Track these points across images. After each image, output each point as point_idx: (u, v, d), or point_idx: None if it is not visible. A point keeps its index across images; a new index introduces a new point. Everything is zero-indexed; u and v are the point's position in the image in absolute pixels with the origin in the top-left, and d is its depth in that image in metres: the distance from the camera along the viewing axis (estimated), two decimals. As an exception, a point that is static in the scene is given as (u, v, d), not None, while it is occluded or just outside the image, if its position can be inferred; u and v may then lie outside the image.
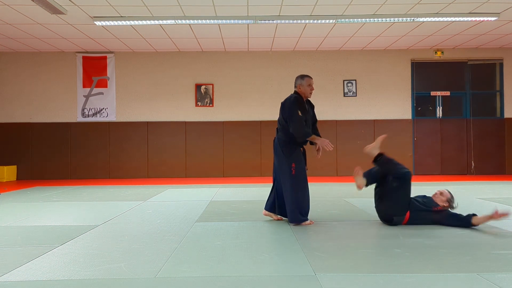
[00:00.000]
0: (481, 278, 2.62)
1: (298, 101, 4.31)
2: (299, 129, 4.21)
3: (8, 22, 8.11)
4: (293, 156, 4.33)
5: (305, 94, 4.43)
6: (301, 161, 4.36)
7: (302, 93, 4.42)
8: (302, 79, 4.44)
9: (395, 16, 7.98)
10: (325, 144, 4.19)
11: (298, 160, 4.34)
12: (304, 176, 4.34)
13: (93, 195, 7.01)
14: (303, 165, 4.37)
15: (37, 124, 10.62)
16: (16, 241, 3.77)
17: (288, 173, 4.29)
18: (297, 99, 4.34)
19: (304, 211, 4.33)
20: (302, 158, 4.40)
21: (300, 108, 4.27)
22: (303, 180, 4.32)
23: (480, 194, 6.76)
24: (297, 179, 4.29)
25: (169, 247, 3.49)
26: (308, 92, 4.43)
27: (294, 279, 2.65)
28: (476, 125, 10.73)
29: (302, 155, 4.43)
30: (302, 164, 4.36)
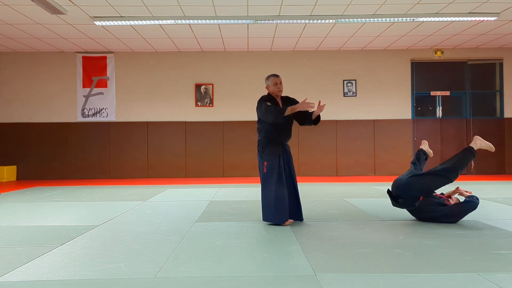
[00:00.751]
0: (481, 278, 2.63)
1: (266, 99, 4.39)
2: (271, 112, 4.16)
3: (8, 22, 8.11)
4: (266, 154, 4.35)
5: (275, 93, 4.46)
6: (275, 160, 4.30)
7: (272, 93, 4.48)
8: (268, 79, 4.50)
9: (395, 16, 7.98)
10: (304, 105, 4.07)
11: (272, 158, 4.31)
12: (277, 176, 4.25)
13: (93, 195, 7.01)
14: (277, 164, 4.28)
15: (37, 124, 10.62)
16: (16, 241, 3.77)
17: (261, 171, 4.38)
18: (263, 97, 4.44)
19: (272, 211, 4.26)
20: (277, 158, 4.31)
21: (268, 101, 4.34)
22: (274, 179, 4.25)
23: (480, 194, 6.75)
24: (267, 177, 4.30)
25: (169, 247, 3.49)
26: (276, 91, 4.44)
27: (294, 279, 2.65)
28: (476, 125, 10.73)
29: (281, 155, 4.36)
30: (275, 163, 4.29)
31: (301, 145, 10.60)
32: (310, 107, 4.08)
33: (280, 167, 4.30)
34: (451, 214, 4.29)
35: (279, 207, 4.24)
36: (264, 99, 4.40)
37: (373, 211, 5.18)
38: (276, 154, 4.34)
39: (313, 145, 10.64)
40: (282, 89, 4.49)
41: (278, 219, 4.28)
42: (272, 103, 4.36)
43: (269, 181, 4.29)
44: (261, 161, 4.40)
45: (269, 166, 4.31)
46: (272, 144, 4.39)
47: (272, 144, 4.39)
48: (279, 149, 4.39)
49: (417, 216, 4.50)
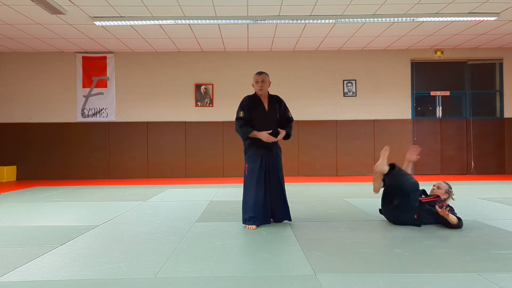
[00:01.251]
0: (481, 278, 2.63)
1: (243, 101, 4.35)
2: (236, 129, 4.31)
3: (7, 22, 8.11)
4: (248, 156, 4.34)
5: (258, 92, 4.40)
6: (256, 163, 4.24)
7: (256, 91, 4.44)
8: (253, 77, 4.46)
9: (395, 16, 7.98)
10: (265, 137, 4.20)
11: (253, 161, 4.27)
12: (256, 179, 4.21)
13: (93, 195, 7.01)
14: (257, 168, 4.23)
15: (37, 124, 10.62)
16: (16, 241, 3.77)
17: (244, 174, 4.37)
18: (243, 100, 4.38)
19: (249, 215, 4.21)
20: (259, 161, 4.25)
21: (243, 108, 4.29)
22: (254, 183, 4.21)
23: (480, 194, 6.76)
24: (247, 180, 4.29)
25: (169, 247, 3.49)
26: (257, 89, 4.38)
27: (294, 279, 2.65)
28: (476, 125, 10.73)
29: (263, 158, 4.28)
30: (256, 166, 4.24)
31: (301, 145, 10.61)
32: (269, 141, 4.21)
33: (260, 171, 4.24)
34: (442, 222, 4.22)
35: (256, 210, 4.20)
36: (241, 105, 4.35)
37: (373, 211, 5.18)
38: (257, 156, 4.28)
39: (313, 145, 10.64)
40: (264, 88, 4.36)
41: (256, 222, 4.21)
42: (255, 104, 4.34)
43: (249, 185, 4.26)
44: (244, 163, 4.39)
45: (249, 169, 4.28)
46: (254, 146, 4.32)
47: (255, 146, 4.32)
48: (261, 151, 4.30)
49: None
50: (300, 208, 5.49)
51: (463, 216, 4.77)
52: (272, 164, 4.34)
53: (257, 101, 4.38)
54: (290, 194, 6.92)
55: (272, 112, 4.40)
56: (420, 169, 10.76)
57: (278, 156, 4.44)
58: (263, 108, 4.38)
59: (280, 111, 4.47)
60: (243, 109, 4.30)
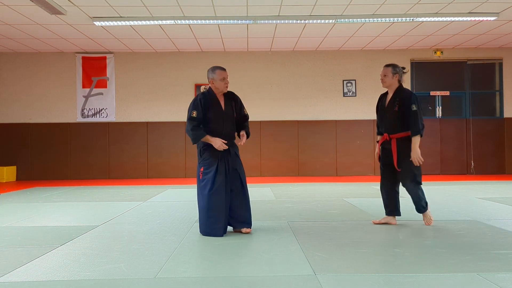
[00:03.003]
0: (481, 278, 2.63)
1: (197, 100, 3.93)
2: (187, 131, 3.88)
3: (7, 22, 8.10)
4: (204, 160, 3.90)
5: (220, 89, 4.02)
6: (212, 167, 3.84)
7: (215, 89, 4.02)
8: (214, 72, 4.01)
9: (395, 16, 7.99)
10: (218, 145, 3.80)
11: (209, 165, 3.86)
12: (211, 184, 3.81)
13: (93, 196, 7.01)
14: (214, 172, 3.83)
15: (37, 124, 10.62)
16: (16, 241, 3.77)
17: (197, 178, 3.95)
18: (197, 98, 3.96)
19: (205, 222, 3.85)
20: (215, 165, 3.85)
21: (197, 107, 3.87)
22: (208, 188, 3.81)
23: (480, 193, 6.77)
24: (202, 186, 3.87)
25: (169, 247, 3.48)
26: (222, 87, 4.01)
27: (294, 279, 2.65)
28: (475, 125, 10.73)
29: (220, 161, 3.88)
30: (213, 170, 3.83)
31: (301, 145, 10.61)
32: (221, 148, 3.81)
33: (219, 174, 3.85)
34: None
35: (214, 218, 3.82)
36: (194, 104, 3.91)
37: (373, 211, 5.19)
38: (214, 159, 3.87)
39: (313, 145, 10.64)
40: (228, 85, 4.05)
41: (213, 232, 3.83)
42: (210, 104, 3.93)
43: (203, 190, 3.84)
44: (198, 166, 3.95)
45: (204, 173, 3.87)
46: (210, 148, 3.88)
47: (211, 148, 3.88)
48: (217, 154, 3.89)
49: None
50: (300, 208, 5.49)
51: (463, 216, 4.78)
52: (231, 166, 3.97)
53: (213, 99, 3.98)
54: (290, 194, 6.94)
55: (229, 111, 4.04)
56: (420, 169, 10.75)
57: (237, 156, 4.07)
58: (219, 107, 4.00)
59: (236, 109, 4.12)
60: (196, 108, 3.87)
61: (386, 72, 4.20)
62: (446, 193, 6.84)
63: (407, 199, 6.17)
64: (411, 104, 4.04)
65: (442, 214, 4.95)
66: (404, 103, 4.08)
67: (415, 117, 4.03)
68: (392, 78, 4.18)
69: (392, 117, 4.16)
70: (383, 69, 4.23)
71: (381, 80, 4.26)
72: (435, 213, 5.00)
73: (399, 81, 4.21)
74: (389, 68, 4.20)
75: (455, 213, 5.00)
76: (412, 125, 4.05)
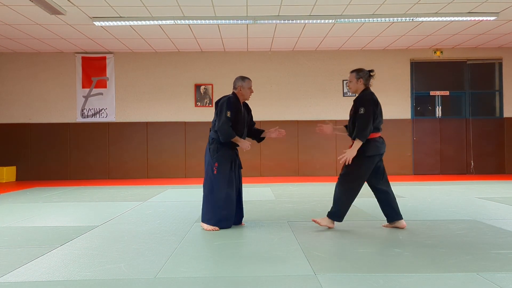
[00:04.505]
0: (481, 277, 2.63)
1: (232, 102, 4.23)
2: (222, 129, 4.12)
3: (7, 22, 8.10)
4: (219, 156, 4.19)
5: (245, 97, 4.36)
6: (227, 164, 4.19)
7: (241, 95, 4.35)
8: (243, 81, 4.36)
9: (394, 16, 7.99)
10: (245, 146, 4.18)
11: (224, 161, 4.18)
12: (228, 180, 4.16)
13: (93, 196, 7.01)
14: (228, 168, 4.19)
15: (37, 124, 10.61)
16: (16, 241, 3.77)
17: (210, 173, 4.20)
18: (231, 99, 4.26)
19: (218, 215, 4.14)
20: (229, 161, 4.21)
21: (232, 108, 4.18)
22: (225, 183, 4.14)
23: (479, 193, 6.76)
24: (217, 180, 4.14)
25: (169, 247, 3.49)
26: (248, 95, 4.37)
27: (294, 279, 2.65)
28: (475, 125, 10.73)
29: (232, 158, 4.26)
30: (227, 167, 4.18)
31: (301, 145, 10.61)
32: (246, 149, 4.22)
33: (231, 171, 4.22)
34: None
35: (227, 211, 4.15)
36: (229, 103, 4.22)
37: (373, 211, 5.19)
38: (229, 158, 4.23)
39: (313, 145, 10.64)
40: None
41: (226, 223, 4.17)
42: (235, 108, 4.23)
43: (220, 184, 4.13)
44: (211, 161, 4.21)
45: (220, 168, 4.16)
46: (227, 146, 4.24)
47: (227, 147, 4.24)
48: (233, 153, 4.30)
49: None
50: (300, 208, 5.49)
51: (463, 216, 4.78)
52: (238, 166, 4.37)
53: (239, 105, 4.34)
54: (290, 194, 6.94)
55: (246, 117, 4.43)
56: (419, 169, 10.77)
57: (239, 158, 4.47)
58: (242, 112, 4.36)
59: (249, 117, 4.53)
60: (231, 109, 4.19)
61: (350, 78, 4.18)
62: (446, 193, 6.84)
63: (407, 199, 6.18)
64: (360, 107, 3.95)
65: (442, 214, 4.95)
66: (356, 105, 4.03)
67: (360, 120, 3.91)
68: (357, 83, 4.12)
69: (349, 121, 4.14)
70: (349, 75, 4.22)
71: (347, 86, 4.27)
72: (435, 213, 5.01)
73: (365, 85, 4.14)
74: (353, 74, 4.17)
75: (455, 213, 5.00)
76: (356, 128, 3.94)
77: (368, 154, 3.93)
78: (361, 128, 3.87)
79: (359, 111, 3.93)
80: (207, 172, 4.23)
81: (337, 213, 4.08)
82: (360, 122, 3.89)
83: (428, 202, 5.84)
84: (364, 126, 3.87)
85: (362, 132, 3.87)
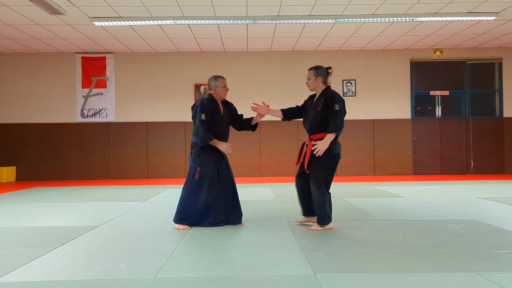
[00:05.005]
0: (480, 277, 2.63)
1: (205, 104, 4.22)
2: (198, 132, 4.16)
3: (6, 22, 8.10)
4: (201, 160, 4.21)
5: (220, 96, 4.37)
6: (209, 168, 4.20)
7: (217, 95, 4.36)
8: (217, 80, 4.37)
9: (394, 15, 7.99)
10: (223, 148, 4.19)
11: (206, 165, 4.19)
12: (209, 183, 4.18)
13: (93, 196, 7.01)
14: (210, 172, 4.20)
15: (36, 124, 10.61)
16: (16, 241, 3.77)
17: (190, 176, 4.24)
18: (204, 102, 4.25)
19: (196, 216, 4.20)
20: (212, 164, 4.22)
21: (206, 111, 4.18)
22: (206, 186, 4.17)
23: (479, 193, 6.77)
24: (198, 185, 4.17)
25: (169, 247, 3.49)
26: (223, 94, 4.38)
27: (294, 279, 2.65)
28: (475, 125, 10.73)
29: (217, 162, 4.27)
30: (209, 170, 4.19)
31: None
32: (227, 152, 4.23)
33: (213, 175, 4.21)
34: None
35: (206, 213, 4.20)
36: (203, 108, 4.20)
37: (373, 211, 5.18)
38: (211, 161, 4.22)
39: (313, 145, 10.63)
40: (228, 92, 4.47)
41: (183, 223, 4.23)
42: (211, 110, 4.23)
43: (201, 189, 4.16)
44: (193, 166, 4.23)
45: (202, 173, 4.18)
46: (208, 150, 4.24)
47: (208, 150, 4.24)
48: (214, 156, 4.28)
49: None
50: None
51: (462, 216, 4.78)
52: (224, 167, 4.37)
53: (215, 105, 4.32)
54: (290, 194, 6.93)
55: (226, 116, 4.42)
56: (419, 169, 10.77)
57: (227, 159, 4.47)
58: (220, 112, 4.35)
59: (232, 113, 4.55)
60: (205, 111, 4.19)
61: (309, 76, 4.22)
62: (445, 193, 6.84)
63: (407, 199, 6.18)
64: (334, 104, 4.02)
65: (442, 214, 4.95)
66: (328, 102, 4.06)
67: (336, 116, 4.01)
68: (315, 80, 4.17)
69: (315, 117, 4.15)
70: (307, 73, 4.25)
71: (306, 84, 4.29)
72: (435, 213, 5.01)
73: (324, 83, 4.17)
74: (311, 71, 4.21)
75: (454, 212, 5.00)
76: (331, 123, 4.03)
77: (334, 152, 4.11)
78: (339, 122, 4.05)
79: (334, 107, 4.03)
80: (188, 175, 4.29)
81: (326, 215, 4.10)
82: (337, 117, 4.03)
83: (428, 202, 5.85)
84: (341, 121, 4.07)
85: (340, 126, 4.06)
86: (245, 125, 4.59)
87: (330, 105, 4.02)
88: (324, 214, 4.07)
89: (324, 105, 4.07)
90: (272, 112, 4.50)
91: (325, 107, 4.05)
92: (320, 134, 4.14)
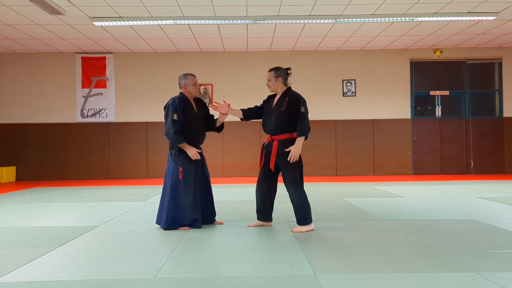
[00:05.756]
0: (480, 277, 2.63)
1: (176, 104, 4.17)
2: (168, 133, 4.13)
3: (6, 22, 8.10)
4: (182, 160, 4.18)
5: (192, 94, 4.31)
6: (191, 167, 4.20)
7: (188, 93, 4.30)
8: (186, 78, 4.29)
9: (394, 15, 7.99)
10: (191, 154, 4.15)
11: (188, 164, 4.18)
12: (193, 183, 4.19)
13: (93, 196, 7.01)
14: (193, 171, 4.20)
15: (36, 124, 10.61)
16: (16, 242, 3.77)
17: (173, 176, 4.18)
18: (175, 101, 4.19)
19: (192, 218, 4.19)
20: (193, 163, 4.21)
21: (177, 111, 4.14)
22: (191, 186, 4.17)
23: (479, 193, 6.77)
24: (183, 184, 4.15)
25: (169, 247, 3.49)
26: (194, 91, 4.31)
27: (294, 279, 2.65)
28: (475, 125, 10.73)
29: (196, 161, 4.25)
30: (191, 169, 4.19)
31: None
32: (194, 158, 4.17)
33: (195, 173, 4.23)
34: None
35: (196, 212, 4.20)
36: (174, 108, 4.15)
37: (373, 211, 5.18)
38: (191, 160, 4.20)
39: (313, 145, 10.62)
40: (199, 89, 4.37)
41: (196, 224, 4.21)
42: (185, 107, 4.20)
43: (186, 188, 4.15)
44: (175, 166, 4.19)
45: (185, 172, 4.16)
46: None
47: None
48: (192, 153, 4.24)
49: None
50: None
51: (462, 216, 4.78)
52: (201, 166, 4.35)
53: (188, 103, 4.27)
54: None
55: (200, 113, 4.38)
56: (419, 169, 10.77)
57: (204, 158, 4.47)
58: (193, 111, 4.30)
59: (205, 111, 4.50)
60: (176, 111, 4.14)
61: (269, 77, 4.21)
62: (445, 193, 6.84)
63: (407, 199, 6.18)
64: (300, 106, 4.02)
65: (442, 213, 4.95)
66: (293, 104, 4.05)
67: (303, 119, 4.02)
68: (276, 81, 4.17)
69: (278, 118, 4.13)
70: (267, 74, 4.24)
71: (267, 85, 4.27)
72: (435, 213, 5.01)
73: (284, 84, 4.18)
74: (272, 72, 4.20)
75: (454, 212, 5.00)
76: (299, 127, 4.04)
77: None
78: (306, 125, 4.07)
79: (299, 109, 4.03)
80: (172, 177, 4.19)
81: (308, 215, 4.11)
82: (304, 120, 4.05)
83: (428, 202, 5.85)
84: (307, 123, 4.09)
85: (308, 129, 4.11)
86: (211, 126, 4.53)
87: (296, 107, 4.04)
88: (306, 214, 4.08)
89: (290, 106, 4.06)
90: (232, 112, 4.46)
91: (291, 108, 4.06)
92: (284, 134, 4.13)
